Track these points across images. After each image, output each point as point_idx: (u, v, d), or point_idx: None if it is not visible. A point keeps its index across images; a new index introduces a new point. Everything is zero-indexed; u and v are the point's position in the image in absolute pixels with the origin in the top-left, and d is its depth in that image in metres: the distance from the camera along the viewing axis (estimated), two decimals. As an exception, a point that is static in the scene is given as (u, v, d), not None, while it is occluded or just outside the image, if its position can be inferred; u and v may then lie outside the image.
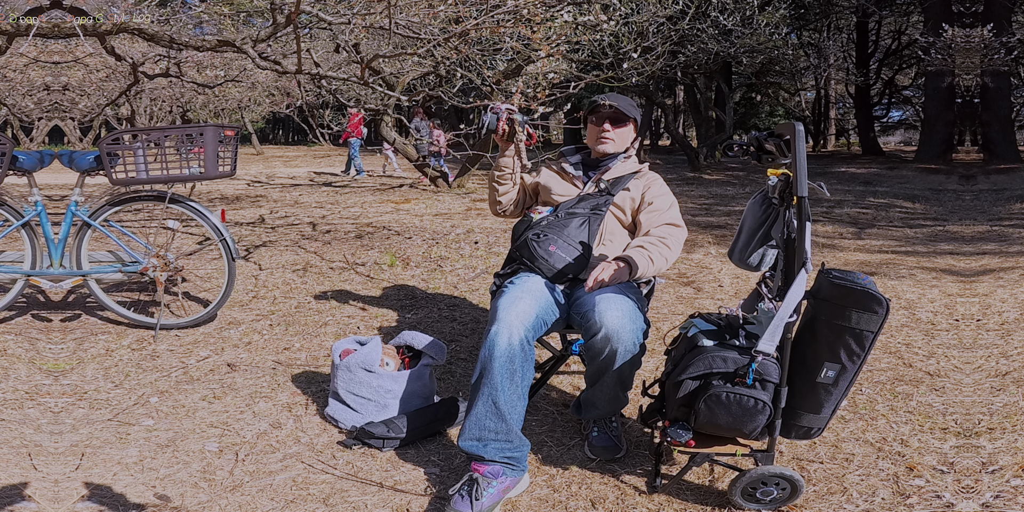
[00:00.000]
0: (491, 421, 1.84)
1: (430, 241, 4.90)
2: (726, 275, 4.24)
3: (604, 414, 2.11)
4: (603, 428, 2.12)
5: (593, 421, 2.14)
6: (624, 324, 1.88)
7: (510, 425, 1.85)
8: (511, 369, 1.85)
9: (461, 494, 1.78)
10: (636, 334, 1.90)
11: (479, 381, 1.87)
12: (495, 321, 1.90)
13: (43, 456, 2.05)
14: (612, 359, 1.91)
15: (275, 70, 3.94)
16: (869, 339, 1.62)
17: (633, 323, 1.90)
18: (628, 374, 1.99)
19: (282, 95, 12.98)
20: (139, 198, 3.01)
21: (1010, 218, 6.40)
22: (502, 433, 1.84)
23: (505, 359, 1.84)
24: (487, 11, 3.73)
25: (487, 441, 1.84)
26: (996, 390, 2.54)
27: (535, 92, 4.33)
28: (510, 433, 1.85)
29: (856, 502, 1.85)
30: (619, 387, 2.03)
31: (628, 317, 1.89)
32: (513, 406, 1.85)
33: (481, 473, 1.81)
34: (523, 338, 1.88)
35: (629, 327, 1.88)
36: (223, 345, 3.01)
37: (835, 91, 27.57)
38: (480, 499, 1.76)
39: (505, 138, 2.28)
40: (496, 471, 1.82)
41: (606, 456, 2.07)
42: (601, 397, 2.05)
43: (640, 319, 1.94)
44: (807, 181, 1.61)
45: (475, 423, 1.85)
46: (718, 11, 8.23)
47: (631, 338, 1.89)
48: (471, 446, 1.85)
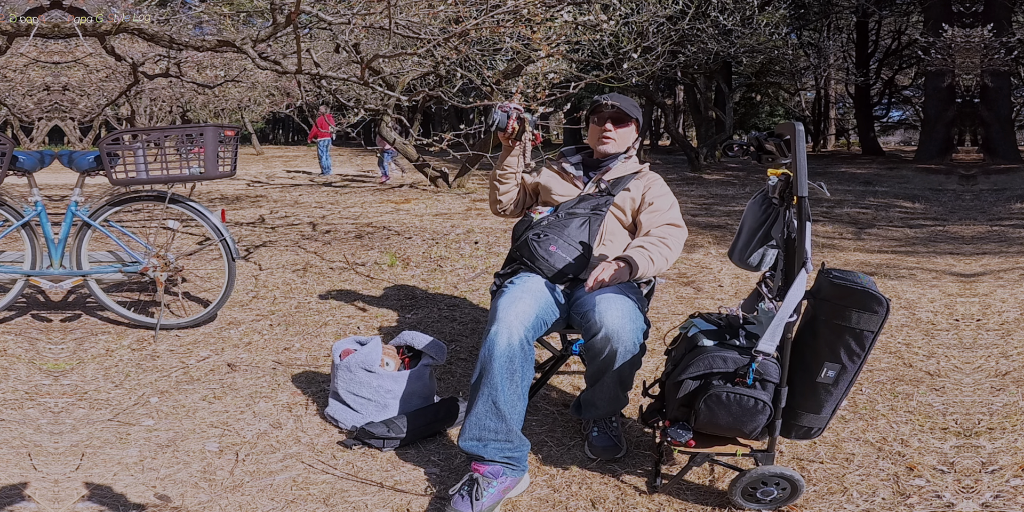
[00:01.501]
0: (491, 421, 1.84)
1: (430, 241, 4.90)
2: (726, 275, 4.24)
3: (604, 414, 2.11)
4: (603, 428, 2.12)
5: (593, 421, 2.14)
6: (624, 324, 1.88)
7: (510, 425, 1.85)
8: (511, 369, 1.85)
9: (461, 494, 1.79)
10: (636, 334, 1.90)
11: (479, 381, 1.87)
12: (495, 321, 1.90)
13: (43, 456, 2.05)
14: (612, 359, 1.91)
15: (275, 70, 3.94)
16: (869, 339, 1.62)
17: (633, 323, 1.90)
18: (628, 374, 1.99)
19: (282, 95, 12.99)
20: (139, 198, 3.01)
21: (1010, 218, 6.40)
22: (502, 433, 1.84)
23: (505, 359, 1.84)
24: (487, 11, 3.73)
25: (487, 441, 1.84)
26: (996, 390, 2.54)
27: (535, 92, 4.33)
28: (510, 433, 1.85)
29: (856, 502, 1.85)
30: (619, 387, 2.03)
31: (628, 317, 1.89)
32: (513, 406, 1.86)
33: (481, 473, 1.81)
34: (523, 338, 1.88)
35: (629, 327, 1.88)
36: (223, 345, 3.01)
37: (835, 91, 27.56)
38: (480, 499, 1.77)
39: (514, 137, 2.27)
40: (496, 471, 1.82)
41: (606, 456, 2.07)
42: (601, 397, 2.06)
43: (640, 319, 1.94)
44: (807, 181, 1.61)
45: (475, 423, 1.85)
46: (718, 11, 8.23)
47: (631, 338, 1.89)
48: (471, 446, 1.85)
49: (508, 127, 2.24)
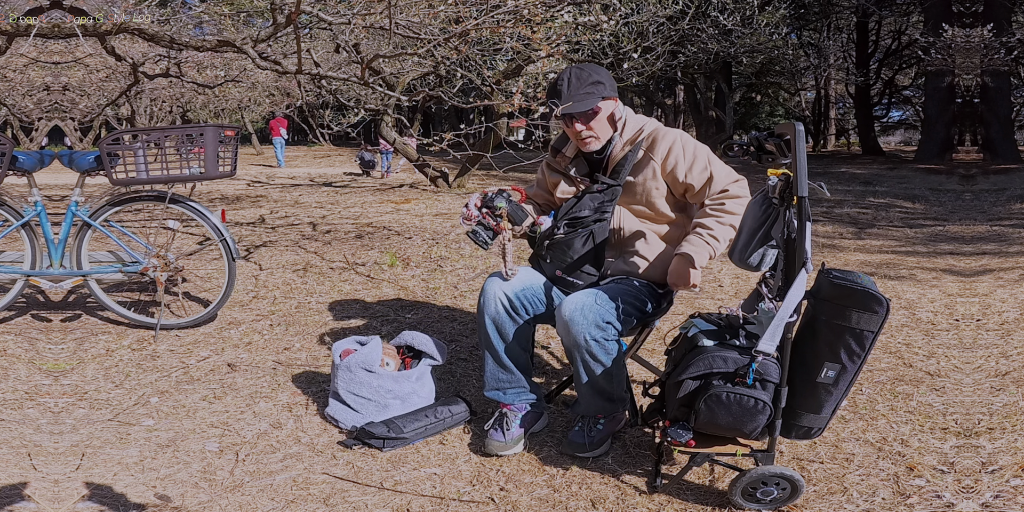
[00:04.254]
0: (501, 374, 2.14)
1: (430, 241, 4.90)
2: (726, 275, 4.24)
3: (585, 412, 2.11)
4: (584, 425, 2.10)
5: (580, 416, 2.14)
6: (574, 317, 1.90)
7: (517, 375, 2.14)
8: (502, 333, 2.09)
9: (495, 428, 2.11)
10: (588, 329, 1.88)
11: (481, 345, 2.15)
12: (482, 292, 2.10)
13: (43, 456, 2.05)
14: (572, 355, 1.97)
15: (275, 70, 3.94)
16: (869, 339, 1.62)
17: (584, 317, 1.88)
18: (600, 377, 1.97)
19: (282, 95, 12.98)
20: (139, 198, 3.01)
21: (1010, 218, 6.40)
22: (514, 382, 2.14)
23: (493, 326, 2.08)
24: (487, 11, 3.73)
25: (504, 389, 2.15)
26: (996, 390, 2.54)
27: (535, 92, 4.33)
28: (520, 380, 2.15)
29: (856, 502, 1.85)
30: (590, 388, 2.01)
31: (580, 311, 1.90)
32: (517, 359, 2.12)
33: (508, 408, 2.13)
34: (506, 305, 2.07)
35: (579, 320, 1.89)
36: (223, 345, 3.01)
37: (835, 91, 27.55)
38: (510, 429, 2.10)
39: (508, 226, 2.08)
40: (520, 407, 2.15)
41: (573, 452, 2.08)
42: (580, 393, 2.08)
43: (600, 316, 1.88)
44: (807, 181, 1.61)
45: (490, 376, 2.16)
46: (718, 11, 8.23)
47: (581, 332, 1.88)
48: (493, 394, 2.17)
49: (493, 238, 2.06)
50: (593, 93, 2.00)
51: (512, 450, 2.09)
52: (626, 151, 2.08)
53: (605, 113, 2.05)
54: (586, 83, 2.00)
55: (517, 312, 2.09)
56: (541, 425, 2.24)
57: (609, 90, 2.03)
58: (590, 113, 2.03)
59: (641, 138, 2.08)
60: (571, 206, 2.10)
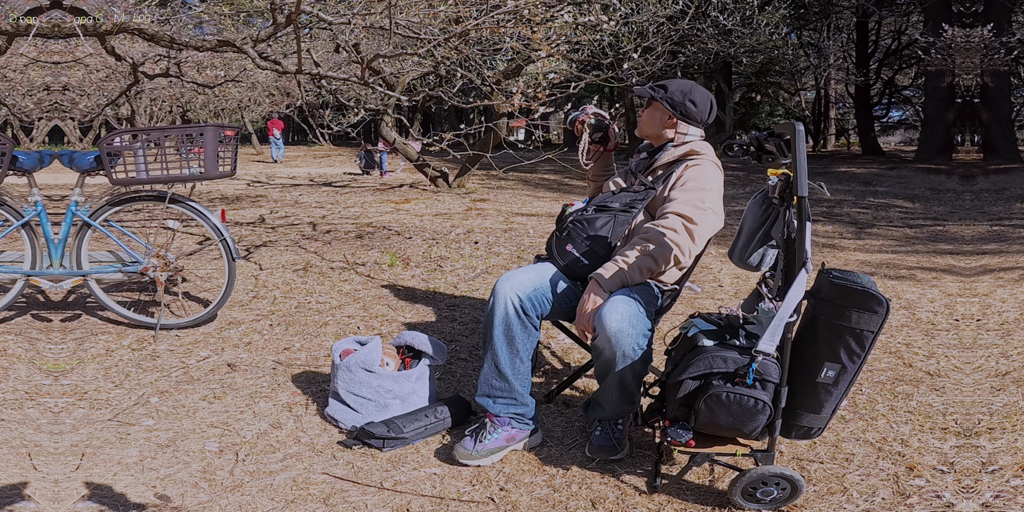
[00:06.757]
0: (496, 380, 2.07)
1: (430, 241, 4.90)
2: (726, 275, 4.24)
3: (608, 416, 2.10)
4: (606, 429, 2.11)
5: (598, 420, 2.14)
6: (623, 328, 1.88)
7: (512, 385, 2.06)
8: (508, 336, 2.04)
9: (470, 434, 2.06)
10: (636, 339, 1.90)
11: (484, 345, 2.08)
12: (493, 292, 2.07)
13: (43, 456, 2.05)
14: (612, 363, 1.92)
15: (275, 70, 3.94)
16: (869, 339, 1.62)
17: (633, 328, 1.89)
18: (630, 380, 1.98)
19: (282, 95, 12.99)
20: (139, 198, 3.01)
21: (1010, 218, 6.40)
22: (506, 391, 2.07)
23: (501, 328, 2.04)
24: (487, 11, 3.73)
25: (495, 397, 2.08)
26: (996, 390, 2.54)
27: (535, 92, 4.33)
28: (513, 392, 2.06)
29: (856, 502, 1.85)
30: (620, 391, 2.02)
31: (628, 321, 1.89)
32: (514, 369, 2.05)
33: (491, 419, 2.07)
34: (518, 307, 2.03)
35: (628, 331, 1.89)
36: (223, 345, 3.01)
37: (835, 91, 27.54)
38: (483, 441, 2.03)
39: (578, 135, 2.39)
40: (504, 420, 2.07)
41: (602, 456, 2.07)
42: (605, 399, 2.06)
43: (642, 324, 1.93)
44: (807, 181, 1.61)
45: (484, 381, 2.09)
46: (718, 11, 8.23)
47: (630, 343, 1.89)
48: (483, 401, 2.10)
49: (575, 128, 2.39)
50: (659, 87, 2.21)
51: (478, 461, 2.02)
52: (670, 161, 2.22)
53: (658, 113, 2.24)
54: (659, 84, 2.24)
55: (528, 314, 2.06)
56: (535, 441, 2.15)
57: (682, 108, 2.19)
58: (648, 100, 2.25)
59: (690, 158, 2.20)
60: (607, 196, 2.26)
